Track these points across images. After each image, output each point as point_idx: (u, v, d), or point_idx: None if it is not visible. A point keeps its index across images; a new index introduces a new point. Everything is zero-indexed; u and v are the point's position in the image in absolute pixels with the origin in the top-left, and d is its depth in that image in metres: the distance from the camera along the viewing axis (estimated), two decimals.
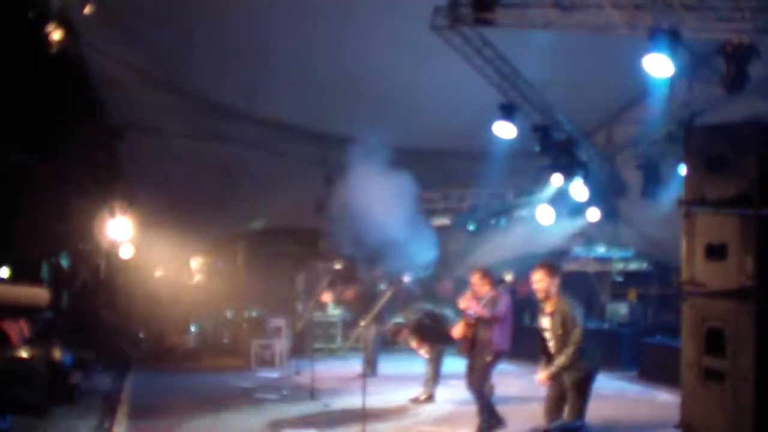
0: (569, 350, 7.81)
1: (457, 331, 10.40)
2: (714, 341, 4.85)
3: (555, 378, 8.06)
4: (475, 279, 10.39)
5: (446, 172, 19.73)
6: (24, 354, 2.93)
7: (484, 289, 10.22)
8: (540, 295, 8.05)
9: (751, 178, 4.58)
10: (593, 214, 17.64)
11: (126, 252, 17.24)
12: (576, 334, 7.82)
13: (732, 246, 4.77)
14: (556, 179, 16.48)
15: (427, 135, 16.89)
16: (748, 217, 4.61)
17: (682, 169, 5.13)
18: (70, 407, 10.39)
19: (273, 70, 13.68)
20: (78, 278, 15.90)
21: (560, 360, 7.83)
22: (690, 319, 5.06)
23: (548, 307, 8.10)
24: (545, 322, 8.15)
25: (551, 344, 8.07)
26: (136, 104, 15.86)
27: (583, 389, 7.88)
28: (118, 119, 16.87)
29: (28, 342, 3.10)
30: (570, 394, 7.93)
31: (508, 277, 8.38)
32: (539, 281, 7.99)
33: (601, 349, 14.55)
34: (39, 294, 3.01)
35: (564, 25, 12.42)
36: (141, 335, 17.01)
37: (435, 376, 12.42)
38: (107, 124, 16.80)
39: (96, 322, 15.09)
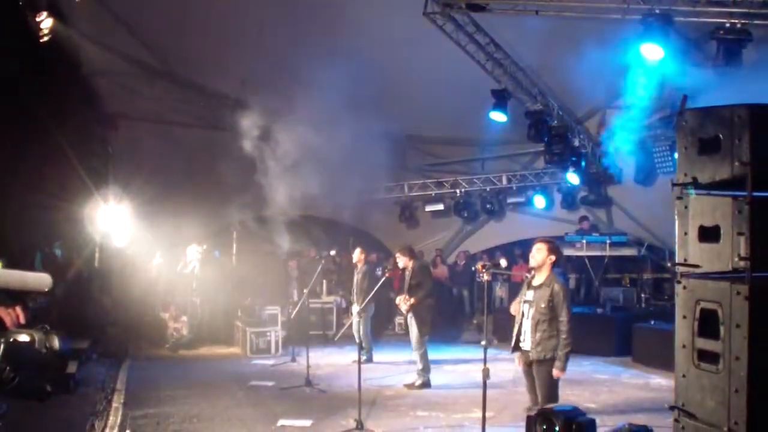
0: (564, 336, 7.94)
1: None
2: (707, 323, 4.85)
3: (527, 367, 8.29)
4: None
5: (440, 158, 19.79)
6: (25, 338, 2.95)
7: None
8: (533, 264, 8.22)
9: (744, 160, 4.57)
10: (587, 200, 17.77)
11: (120, 241, 17.23)
12: (566, 318, 7.97)
13: (725, 228, 4.77)
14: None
15: (420, 122, 16.93)
16: (740, 199, 4.61)
17: (676, 153, 5.14)
18: (66, 396, 10.42)
19: (266, 59, 13.68)
20: (72, 267, 15.86)
21: (563, 346, 7.96)
22: (683, 300, 5.06)
23: (536, 280, 8.24)
24: (529, 294, 8.26)
25: (527, 319, 8.16)
26: (129, 93, 15.84)
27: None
28: (112, 108, 16.87)
29: (24, 327, 3.11)
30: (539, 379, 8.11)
31: (503, 262, 8.42)
32: (538, 251, 8.21)
33: (596, 333, 14.85)
34: (42, 278, 3.03)
35: (556, 10, 12.45)
36: (136, 324, 16.98)
37: (426, 364, 12.43)
38: (101, 114, 16.79)
39: (91, 311, 15.06)
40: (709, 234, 4.88)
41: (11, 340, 3.15)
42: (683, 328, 5.06)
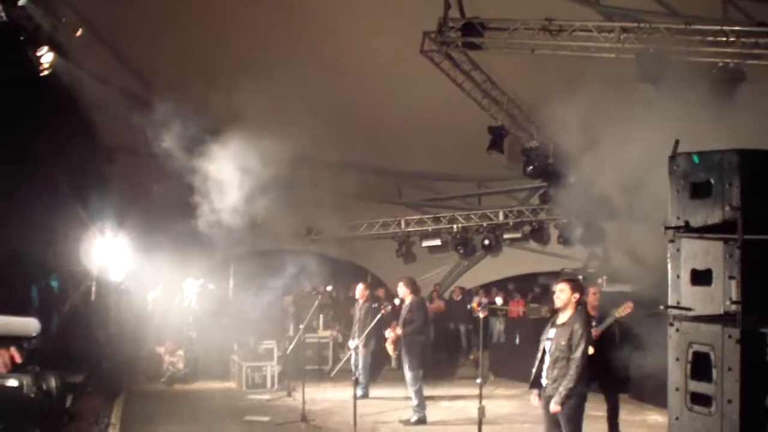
0: (572, 373, 7.86)
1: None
2: (700, 365, 4.87)
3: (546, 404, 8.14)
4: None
5: (437, 193, 19.87)
6: (14, 383, 2.92)
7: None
8: (559, 305, 8.21)
9: (734, 205, 4.63)
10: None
11: (116, 274, 17.22)
12: (578, 356, 7.89)
13: (716, 271, 4.81)
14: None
15: (417, 158, 17.03)
16: (731, 243, 4.66)
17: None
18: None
19: (261, 94, 13.76)
20: (68, 300, 15.84)
21: (568, 380, 7.87)
22: (676, 343, 5.09)
23: (561, 318, 8.20)
24: (551, 333, 8.21)
25: (548, 356, 8.13)
26: (126, 126, 15.91)
27: (577, 411, 8.00)
28: (109, 141, 16.93)
29: (17, 369, 3.09)
30: (562, 418, 8.00)
31: (498, 300, 8.42)
32: (561, 291, 8.18)
33: (592, 369, 14.77)
34: (29, 324, 2.99)
35: (552, 49, 12.59)
36: (132, 358, 16.90)
37: (421, 401, 12.40)
38: (98, 147, 16.83)
39: (86, 345, 15.00)
40: (701, 277, 4.92)
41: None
42: (676, 371, 5.07)
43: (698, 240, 4.96)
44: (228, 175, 14.33)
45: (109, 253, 16.77)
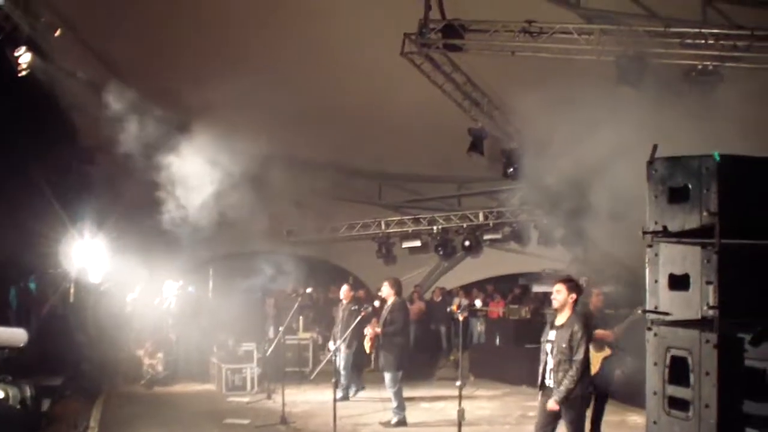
0: (572, 373, 7.90)
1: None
2: (678, 370, 4.89)
3: (544, 403, 8.18)
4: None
5: (417, 195, 19.87)
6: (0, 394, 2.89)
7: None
8: (556, 306, 8.22)
9: (711, 210, 4.64)
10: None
11: (96, 276, 17.12)
12: (580, 358, 7.95)
13: (694, 276, 4.82)
14: None
15: (398, 159, 17.04)
16: (709, 249, 4.68)
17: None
18: None
19: (244, 95, 13.71)
20: (46, 302, 15.74)
21: (568, 380, 7.91)
22: (654, 347, 5.10)
23: (559, 320, 8.22)
24: (551, 335, 8.24)
25: (551, 359, 8.16)
26: (106, 125, 15.80)
27: (580, 413, 8.13)
28: (89, 141, 16.81)
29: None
30: (565, 417, 8.07)
31: (477, 302, 8.39)
32: (558, 292, 8.19)
33: None
34: (16, 334, 2.97)
35: (532, 51, 12.61)
36: (111, 360, 16.80)
37: (401, 402, 12.40)
38: (78, 147, 16.73)
39: (65, 347, 14.91)
40: (678, 282, 4.93)
41: None
42: (654, 375, 5.09)
43: (676, 245, 4.97)
44: (205, 176, 14.28)
45: (88, 255, 16.66)
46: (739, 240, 4.71)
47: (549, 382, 8.20)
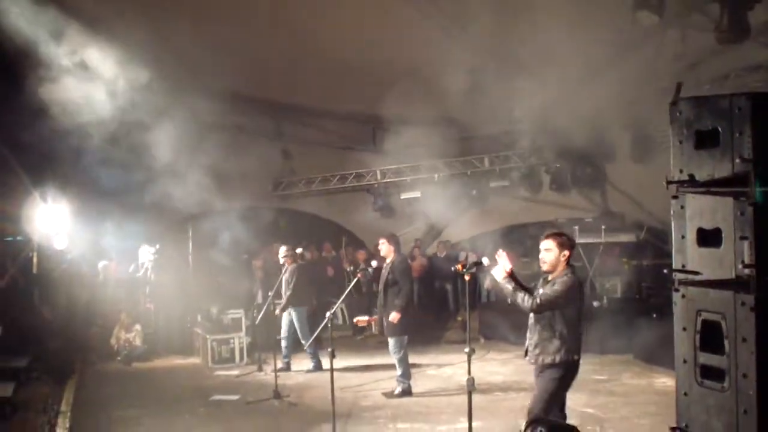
0: (535, 300, 7.59)
1: None
2: (710, 335, 4.81)
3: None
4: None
5: (415, 140, 19.67)
6: None
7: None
8: (546, 268, 7.78)
9: (745, 157, 4.51)
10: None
11: (61, 242, 17.00)
12: (549, 294, 7.60)
13: (726, 231, 4.71)
14: None
15: (393, 101, 16.81)
16: (742, 200, 4.55)
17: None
18: (1, 424, 10.30)
19: (216, 36, 13.54)
20: (6, 274, 15.65)
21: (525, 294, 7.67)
22: (683, 311, 5.02)
23: (550, 279, 7.80)
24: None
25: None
26: (64, 77, 15.57)
27: (556, 384, 7.66)
28: (46, 95, 16.56)
29: None
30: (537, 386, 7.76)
31: (484, 260, 8.22)
32: (547, 252, 7.76)
33: (593, 330, 14.85)
34: None
35: None
36: (82, 336, 16.78)
37: (406, 370, 12.40)
38: (35, 102, 16.48)
39: (29, 324, 14.85)
40: (709, 238, 4.83)
41: None
42: (683, 342, 5.02)
43: (705, 196, 4.86)
44: (176, 123, 14.11)
45: (51, 219, 16.51)
46: None
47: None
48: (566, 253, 7.74)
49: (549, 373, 7.65)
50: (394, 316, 12.15)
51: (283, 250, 15.01)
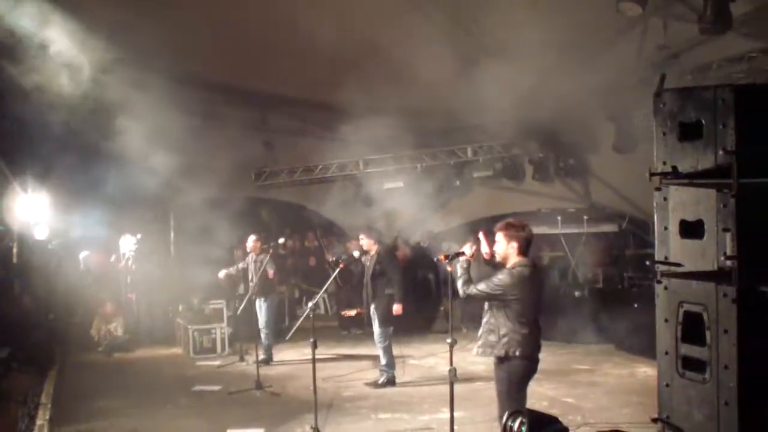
0: (476, 288, 7.69)
1: None
2: (692, 327, 4.82)
3: None
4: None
5: (398, 130, 19.61)
6: None
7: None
8: (497, 259, 7.70)
9: (728, 148, 4.51)
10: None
11: (41, 232, 16.92)
12: (491, 282, 7.57)
13: (709, 223, 4.72)
14: None
15: (376, 93, 16.75)
16: (725, 192, 4.55)
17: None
18: None
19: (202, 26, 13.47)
20: None
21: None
22: (664, 302, 5.03)
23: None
24: None
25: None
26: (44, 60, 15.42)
27: (513, 379, 7.54)
28: (28, 80, 16.42)
29: None
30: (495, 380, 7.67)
31: (466, 249, 8.18)
32: (497, 242, 7.66)
33: (574, 319, 14.89)
34: None
35: None
36: (63, 326, 16.71)
37: (390, 360, 12.41)
38: (15, 87, 16.35)
39: (10, 314, 14.76)
40: (691, 229, 4.84)
41: None
42: (665, 333, 5.04)
43: (688, 187, 4.86)
44: (156, 112, 14.02)
45: (31, 209, 16.42)
46: (760, 180, 4.59)
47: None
48: (514, 245, 7.55)
49: (497, 370, 7.62)
50: (397, 308, 12.25)
51: (251, 239, 14.97)
